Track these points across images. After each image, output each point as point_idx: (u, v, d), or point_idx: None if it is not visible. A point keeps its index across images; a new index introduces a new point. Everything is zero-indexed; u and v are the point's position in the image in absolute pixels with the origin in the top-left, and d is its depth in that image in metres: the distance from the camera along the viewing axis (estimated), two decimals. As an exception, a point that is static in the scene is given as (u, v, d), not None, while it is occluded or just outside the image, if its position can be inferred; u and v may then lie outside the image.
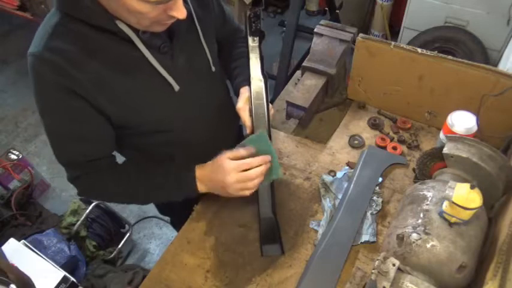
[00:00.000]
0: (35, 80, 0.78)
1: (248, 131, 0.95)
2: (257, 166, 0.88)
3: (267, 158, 0.90)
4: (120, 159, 0.99)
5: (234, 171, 0.88)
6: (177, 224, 1.47)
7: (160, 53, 0.84)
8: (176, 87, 0.88)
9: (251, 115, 0.94)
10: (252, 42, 0.93)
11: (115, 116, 0.85)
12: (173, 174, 0.94)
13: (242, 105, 0.96)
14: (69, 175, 0.92)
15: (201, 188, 0.94)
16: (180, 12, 0.73)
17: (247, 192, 0.90)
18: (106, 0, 0.72)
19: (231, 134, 1.17)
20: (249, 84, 0.93)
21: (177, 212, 1.19)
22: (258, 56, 0.93)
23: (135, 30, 0.78)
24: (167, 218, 2.17)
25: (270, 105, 0.97)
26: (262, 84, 0.93)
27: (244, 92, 0.98)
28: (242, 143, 0.93)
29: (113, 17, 0.74)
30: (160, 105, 0.89)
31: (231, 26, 1.10)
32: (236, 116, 0.97)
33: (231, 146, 1.17)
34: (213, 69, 0.98)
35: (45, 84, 0.77)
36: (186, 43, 0.89)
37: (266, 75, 0.94)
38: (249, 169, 0.88)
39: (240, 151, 0.90)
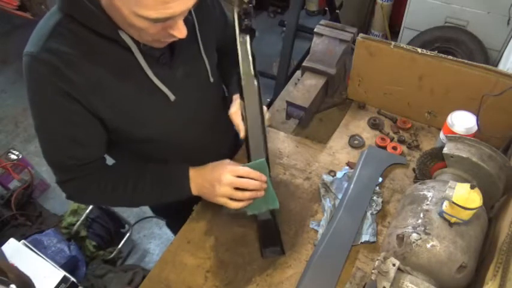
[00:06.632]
0: (30, 80, 0.77)
1: (241, 134, 0.94)
2: (253, 180, 0.88)
3: (265, 178, 0.89)
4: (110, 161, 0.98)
5: (231, 172, 0.88)
6: (172, 226, 1.47)
7: (159, 64, 0.84)
8: (172, 97, 0.88)
9: (243, 119, 0.93)
10: (242, 40, 0.90)
11: (110, 120, 0.84)
12: (165, 175, 0.93)
13: (235, 110, 0.96)
14: (57, 178, 0.91)
15: (194, 189, 0.93)
16: (180, 32, 0.73)
17: (233, 204, 0.89)
18: (110, 11, 0.71)
19: (226, 139, 1.16)
20: (240, 84, 0.91)
21: (172, 214, 1.18)
22: (249, 54, 0.91)
23: (137, 41, 0.77)
24: (167, 218, 2.18)
25: (265, 108, 0.96)
26: (255, 83, 0.91)
27: (237, 98, 0.98)
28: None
29: (116, 27, 0.74)
30: (156, 114, 0.89)
31: (232, 32, 1.09)
32: (231, 122, 0.97)
33: (227, 152, 1.16)
34: (211, 79, 0.97)
35: (40, 85, 0.76)
36: (186, 54, 0.88)
37: (258, 74, 0.92)
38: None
39: (240, 166, 0.91)
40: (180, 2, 0.66)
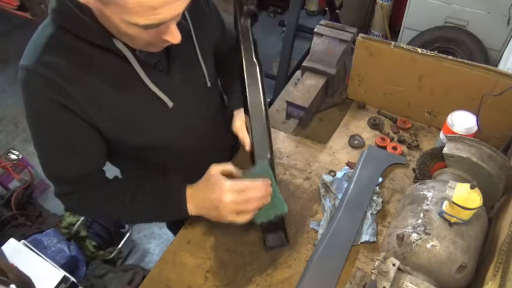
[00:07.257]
0: (27, 94, 0.77)
1: (247, 148, 0.93)
2: (255, 189, 0.84)
3: (268, 181, 0.86)
4: (112, 171, 0.98)
5: (231, 191, 0.84)
6: (172, 227, 1.47)
7: (156, 71, 0.83)
8: (170, 104, 0.87)
9: (249, 133, 0.93)
10: (244, 24, 0.87)
11: (108, 129, 0.83)
12: (163, 198, 0.91)
13: (239, 125, 0.96)
14: (57, 190, 0.90)
15: (192, 210, 0.90)
16: (174, 37, 0.72)
17: (242, 219, 0.85)
18: (102, 20, 0.71)
19: (226, 143, 1.16)
20: (243, 95, 0.89)
21: None
22: (250, 40, 0.87)
23: (132, 49, 0.77)
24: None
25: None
26: (257, 69, 0.87)
27: (237, 113, 0.99)
28: (243, 176, 0.89)
29: (110, 35, 0.73)
30: (154, 121, 0.88)
31: (230, 35, 1.07)
32: (229, 124, 0.98)
33: (227, 155, 1.16)
34: (209, 84, 0.97)
35: (37, 98, 0.76)
36: (183, 60, 0.88)
37: (260, 61, 0.89)
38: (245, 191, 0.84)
39: (239, 180, 0.87)
40: (169, 8, 0.65)
